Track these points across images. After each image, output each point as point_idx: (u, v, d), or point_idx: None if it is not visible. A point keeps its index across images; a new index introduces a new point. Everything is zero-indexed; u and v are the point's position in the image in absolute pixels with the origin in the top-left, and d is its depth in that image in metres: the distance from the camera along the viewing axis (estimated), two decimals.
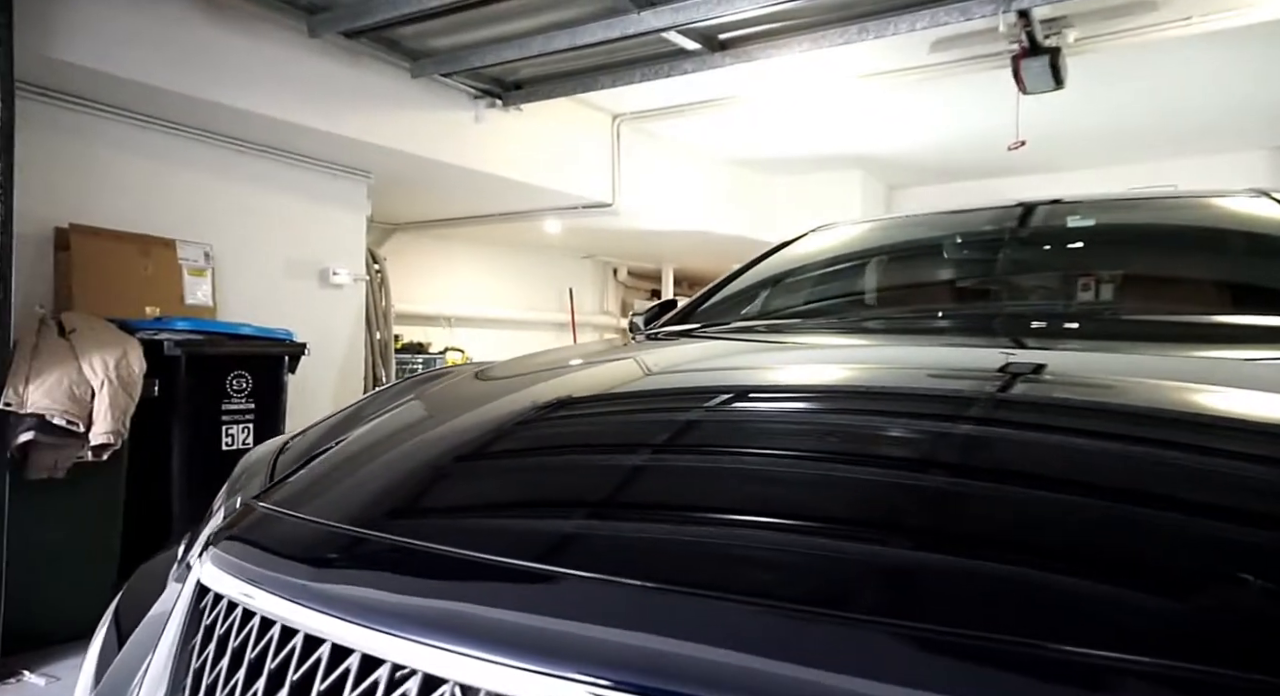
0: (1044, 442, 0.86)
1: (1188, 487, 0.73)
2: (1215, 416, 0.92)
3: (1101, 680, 0.49)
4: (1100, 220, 2.32)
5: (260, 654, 0.73)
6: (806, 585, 0.61)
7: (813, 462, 0.85)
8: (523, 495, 0.88)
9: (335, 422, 1.34)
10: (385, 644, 0.64)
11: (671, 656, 0.56)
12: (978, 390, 1.09)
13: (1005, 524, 0.68)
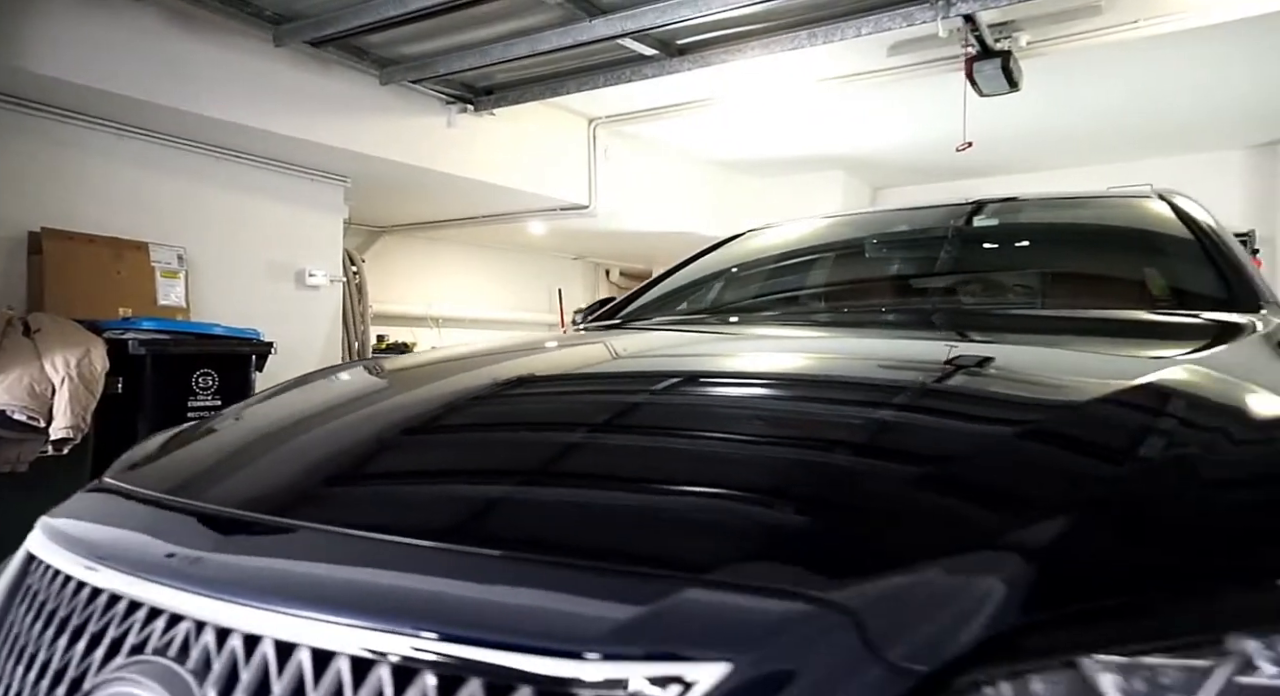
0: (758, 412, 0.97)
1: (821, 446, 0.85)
2: (929, 391, 1.03)
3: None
4: (1000, 222, 2.43)
5: (68, 612, 0.84)
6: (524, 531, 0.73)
7: (557, 432, 0.97)
8: (303, 465, 0.99)
9: (224, 413, 1.45)
10: (146, 589, 0.75)
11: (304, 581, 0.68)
12: (749, 372, 1.22)
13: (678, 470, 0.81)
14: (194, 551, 0.79)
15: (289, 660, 0.65)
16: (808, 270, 2.46)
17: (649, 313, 2.31)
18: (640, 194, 6.38)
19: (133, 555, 0.82)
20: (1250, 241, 6.26)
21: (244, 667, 0.66)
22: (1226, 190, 6.54)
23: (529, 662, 0.59)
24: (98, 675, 0.74)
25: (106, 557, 0.83)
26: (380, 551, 0.72)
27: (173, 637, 0.72)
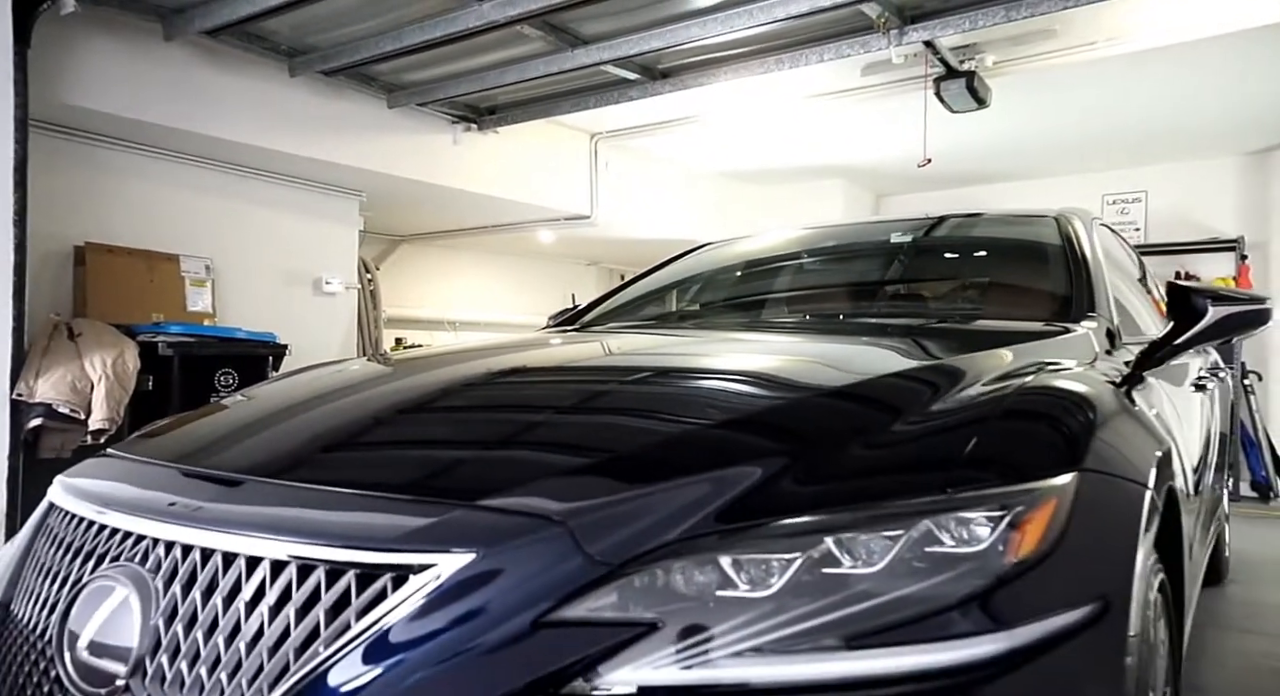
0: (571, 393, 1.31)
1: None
2: (740, 375, 1.39)
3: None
4: (912, 240, 2.71)
5: (74, 540, 1.19)
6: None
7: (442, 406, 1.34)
8: (247, 438, 1.33)
9: (206, 406, 1.81)
10: (131, 518, 1.10)
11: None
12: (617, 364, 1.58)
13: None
14: (166, 495, 1.14)
15: (208, 561, 0.99)
16: (733, 282, 2.77)
17: (604, 318, 2.65)
18: (641, 204, 6.70)
19: (122, 500, 1.17)
20: (1239, 247, 6.39)
21: (181, 565, 1.00)
22: (1219, 196, 6.66)
23: (355, 556, 0.92)
24: (91, 580, 1.08)
25: (106, 502, 1.18)
26: (282, 492, 1.07)
27: (141, 551, 1.06)
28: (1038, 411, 1.17)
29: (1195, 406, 2.40)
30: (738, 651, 0.84)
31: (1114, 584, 0.98)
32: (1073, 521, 0.97)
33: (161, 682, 0.94)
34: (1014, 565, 0.91)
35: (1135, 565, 1.01)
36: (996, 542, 0.92)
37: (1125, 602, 0.97)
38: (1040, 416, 1.15)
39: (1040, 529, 0.95)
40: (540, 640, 0.85)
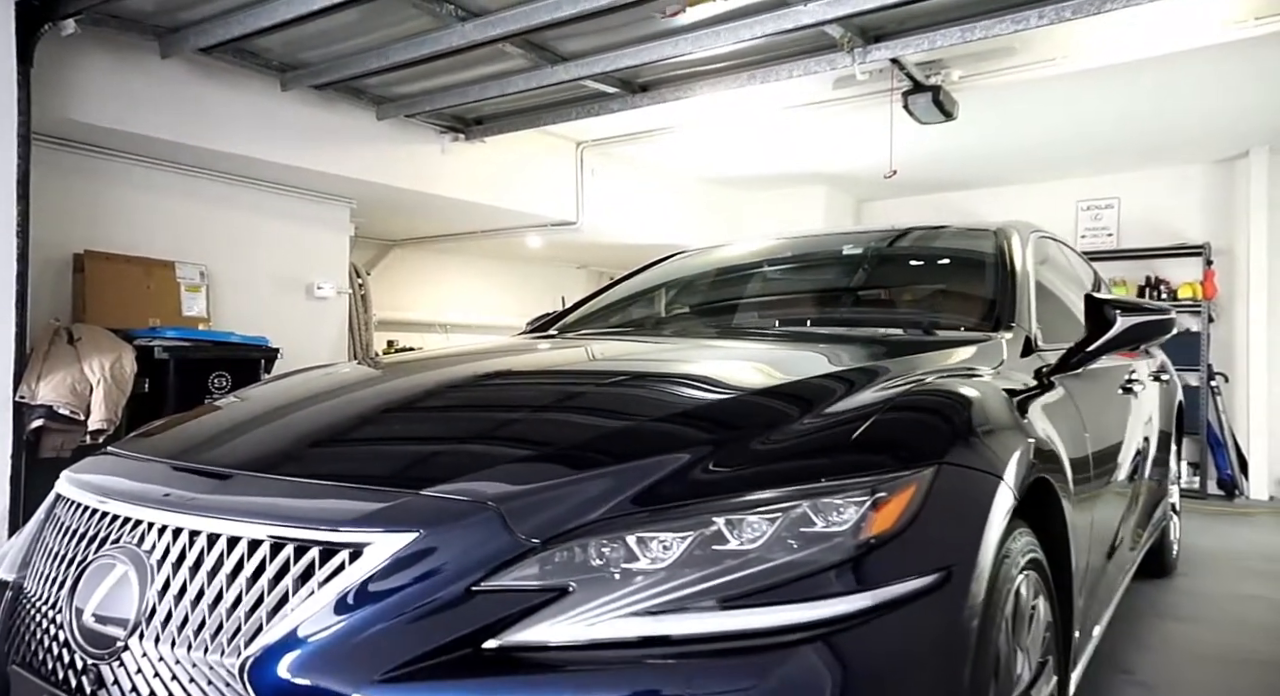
0: (534, 391, 1.49)
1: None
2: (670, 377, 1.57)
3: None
4: (863, 251, 2.90)
5: (79, 525, 1.36)
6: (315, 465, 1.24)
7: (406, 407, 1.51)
8: (227, 437, 1.51)
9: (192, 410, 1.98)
10: (128, 506, 1.27)
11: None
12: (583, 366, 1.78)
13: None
14: (161, 487, 1.32)
15: (195, 541, 1.16)
16: (689, 291, 2.96)
17: (574, 325, 2.84)
18: (627, 209, 6.87)
19: (122, 491, 1.35)
20: (1205, 252, 6.57)
21: (173, 545, 1.18)
22: (1187, 202, 6.84)
23: (317, 534, 1.09)
24: (94, 559, 1.26)
25: (108, 493, 1.35)
26: (261, 483, 1.25)
27: (139, 534, 1.24)
28: (911, 413, 1.35)
29: (1119, 407, 2.57)
30: (632, 612, 1.02)
31: (960, 557, 1.15)
32: (926, 505, 1.15)
33: (155, 642, 1.12)
34: (871, 540, 1.09)
35: (982, 543, 1.19)
36: (858, 522, 1.10)
37: (969, 572, 1.15)
38: (912, 418, 1.34)
39: (896, 511, 1.13)
40: (470, 604, 1.03)
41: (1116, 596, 2.59)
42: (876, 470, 1.17)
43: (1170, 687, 2.63)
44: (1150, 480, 3.13)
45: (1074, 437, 1.88)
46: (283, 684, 1.01)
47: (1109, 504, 2.23)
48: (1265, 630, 3.21)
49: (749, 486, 1.14)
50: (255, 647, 1.04)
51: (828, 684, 1.00)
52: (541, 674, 0.99)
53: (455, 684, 0.98)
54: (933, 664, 1.09)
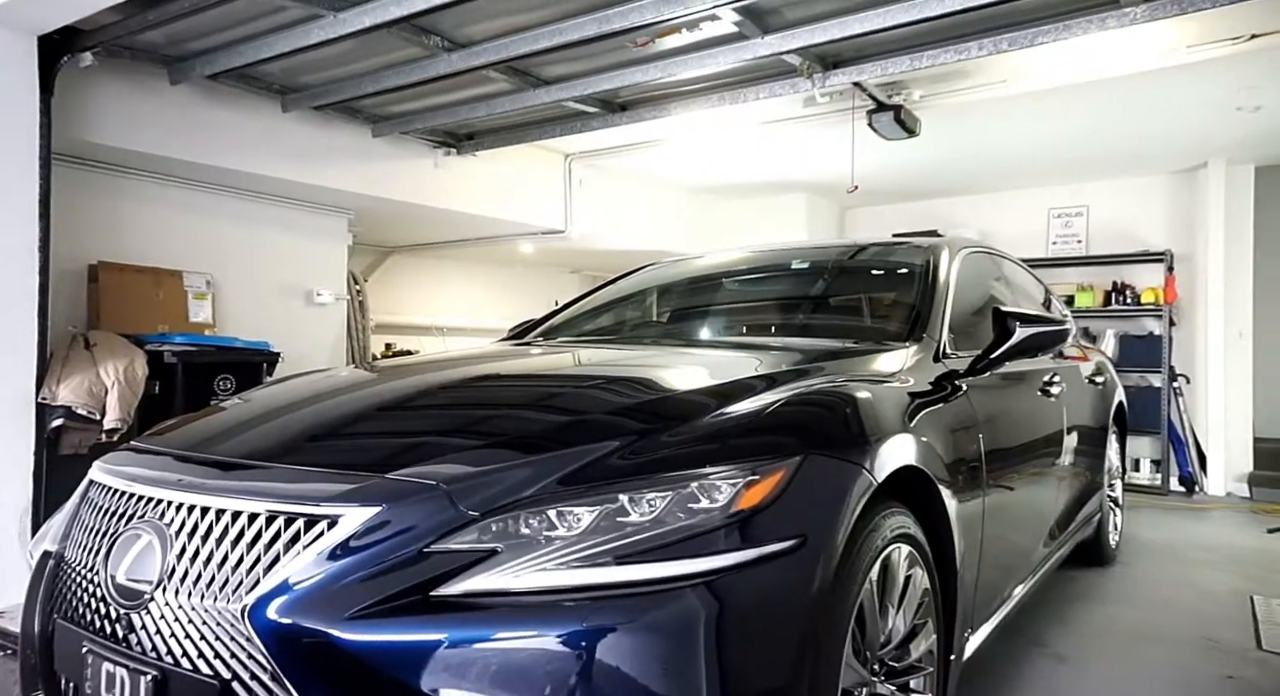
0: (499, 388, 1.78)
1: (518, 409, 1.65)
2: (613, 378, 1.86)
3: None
4: (808, 265, 3.19)
5: (98, 502, 1.66)
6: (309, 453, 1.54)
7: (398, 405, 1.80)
8: (228, 432, 1.80)
9: (202, 410, 2.28)
10: (149, 488, 1.57)
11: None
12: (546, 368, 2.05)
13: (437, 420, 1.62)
14: (176, 474, 1.60)
15: (206, 515, 1.45)
16: (648, 302, 3.26)
17: (547, 333, 3.14)
18: (614, 218, 7.17)
19: (145, 476, 1.64)
20: (1167, 259, 6.84)
21: (188, 519, 1.47)
22: (1151, 211, 7.12)
23: (302, 508, 1.38)
24: (124, 530, 1.55)
25: (134, 478, 1.65)
26: (259, 470, 1.54)
27: (160, 510, 1.53)
28: (794, 411, 1.64)
29: (1031, 406, 2.85)
30: (549, 567, 1.31)
31: (816, 527, 1.44)
32: (791, 486, 1.44)
33: (175, 594, 1.41)
34: (742, 513, 1.38)
35: (839, 517, 1.48)
36: (731, 500, 1.39)
37: (824, 539, 1.44)
38: (792, 416, 1.63)
39: (764, 491, 1.42)
40: (422, 562, 1.32)
41: (1032, 578, 2.87)
42: (755, 458, 1.46)
43: (1079, 659, 2.91)
44: (1075, 475, 3.41)
45: (962, 434, 2.15)
46: (275, 623, 1.31)
47: (1010, 494, 2.51)
48: (1186, 612, 3.49)
49: (651, 471, 1.44)
50: (254, 596, 1.34)
51: (700, 617, 1.29)
52: (474, 613, 1.28)
53: (408, 620, 1.27)
54: (788, 606, 1.38)
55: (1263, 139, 6.03)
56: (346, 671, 1.26)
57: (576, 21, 3.52)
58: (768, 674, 1.35)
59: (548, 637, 1.25)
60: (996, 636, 2.85)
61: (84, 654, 1.51)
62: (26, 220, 3.53)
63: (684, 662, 1.28)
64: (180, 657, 1.38)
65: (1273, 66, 4.50)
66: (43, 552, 1.75)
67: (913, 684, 1.86)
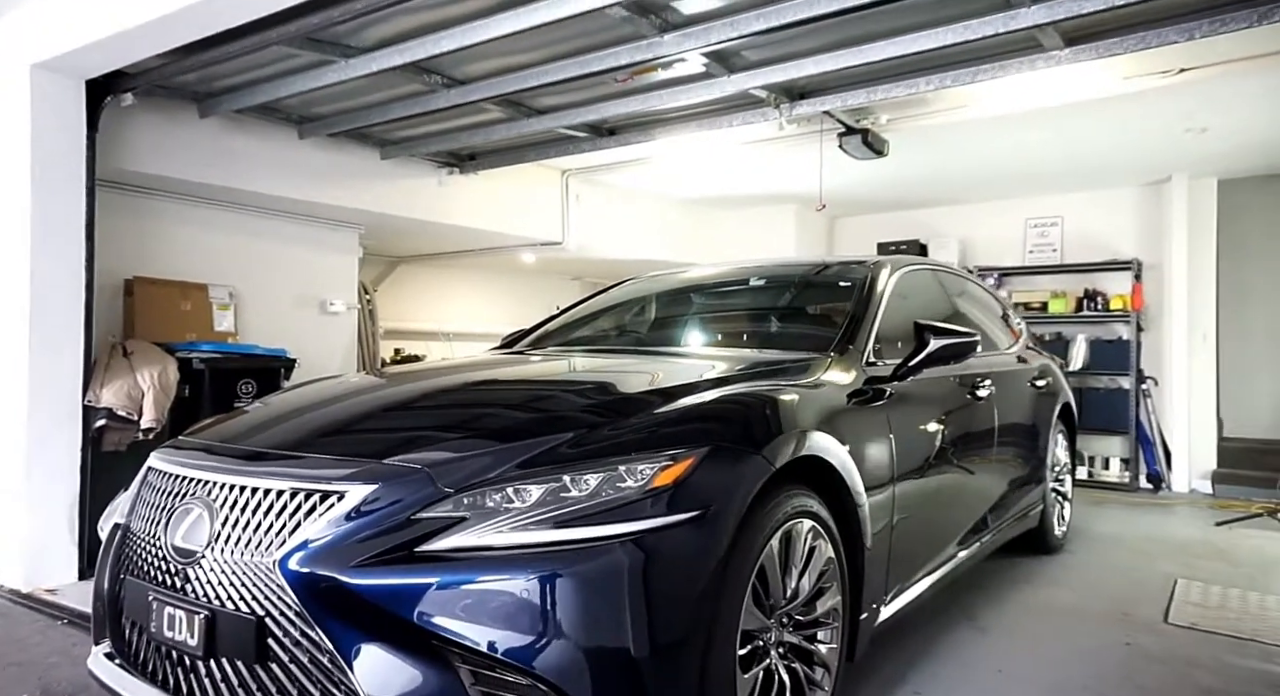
0: (476, 394, 2.20)
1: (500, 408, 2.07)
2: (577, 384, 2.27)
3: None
4: (762, 283, 3.59)
5: (156, 484, 2.09)
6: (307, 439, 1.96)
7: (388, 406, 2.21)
8: (254, 429, 2.23)
9: (230, 412, 2.70)
10: (197, 472, 2.00)
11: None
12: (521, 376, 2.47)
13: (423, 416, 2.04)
14: (217, 461, 2.03)
15: (243, 492, 1.88)
16: (620, 314, 3.68)
17: (534, 343, 3.56)
18: (609, 230, 7.59)
19: (193, 463, 2.06)
20: (1134, 268, 7.19)
21: (229, 495, 1.89)
22: (1121, 222, 7.46)
23: (317, 486, 1.81)
24: (179, 506, 1.97)
25: (184, 464, 2.07)
26: (283, 459, 1.96)
27: (207, 490, 1.95)
28: (709, 411, 2.06)
29: (956, 408, 3.22)
30: (503, 530, 1.71)
31: (718, 501, 1.84)
32: (699, 469, 1.84)
33: (220, 552, 1.83)
34: (657, 490, 1.78)
35: (737, 494, 1.87)
36: (649, 479, 1.79)
37: (724, 510, 1.83)
38: (709, 414, 2.04)
39: (676, 473, 1.82)
40: (409, 526, 1.73)
41: (956, 559, 3.24)
42: (674, 447, 1.87)
43: (1002, 631, 3.30)
44: (1009, 469, 3.79)
45: (872, 431, 2.54)
46: (298, 572, 1.72)
47: (925, 483, 2.88)
48: (1111, 593, 3.85)
49: (591, 457, 1.84)
50: (281, 552, 1.75)
51: (624, 566, 1.69)
52: (448, 563, 1.69)
53: (397, 569, 1.69)
54: (694, 560, 1.78)
55: (1219, 155, 6.37)
56: (352, 606, 1.68)
57: (560, 63, 3.94)
58: (678, 608, 1.75)
59: (504, 581, 1.66)
60: (926, 608, 3.25)
61: (150, 602, 1.93)
62: (75, 242, 3.98)
63: (611, 599, 1.68)
64: (226, 601, 1.80)
65: (1206, 95, 4.87)
66: (113, 526, 2.18)
67: (820, 635, 2.25)
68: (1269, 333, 7.49)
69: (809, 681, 2.19)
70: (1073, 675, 2.84)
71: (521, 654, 1.62)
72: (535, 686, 1.62)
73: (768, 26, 3.32)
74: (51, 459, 3.94)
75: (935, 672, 2.85)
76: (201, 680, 1.85)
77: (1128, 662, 2.97)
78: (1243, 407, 7.47)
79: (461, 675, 1.64)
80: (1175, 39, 3.41)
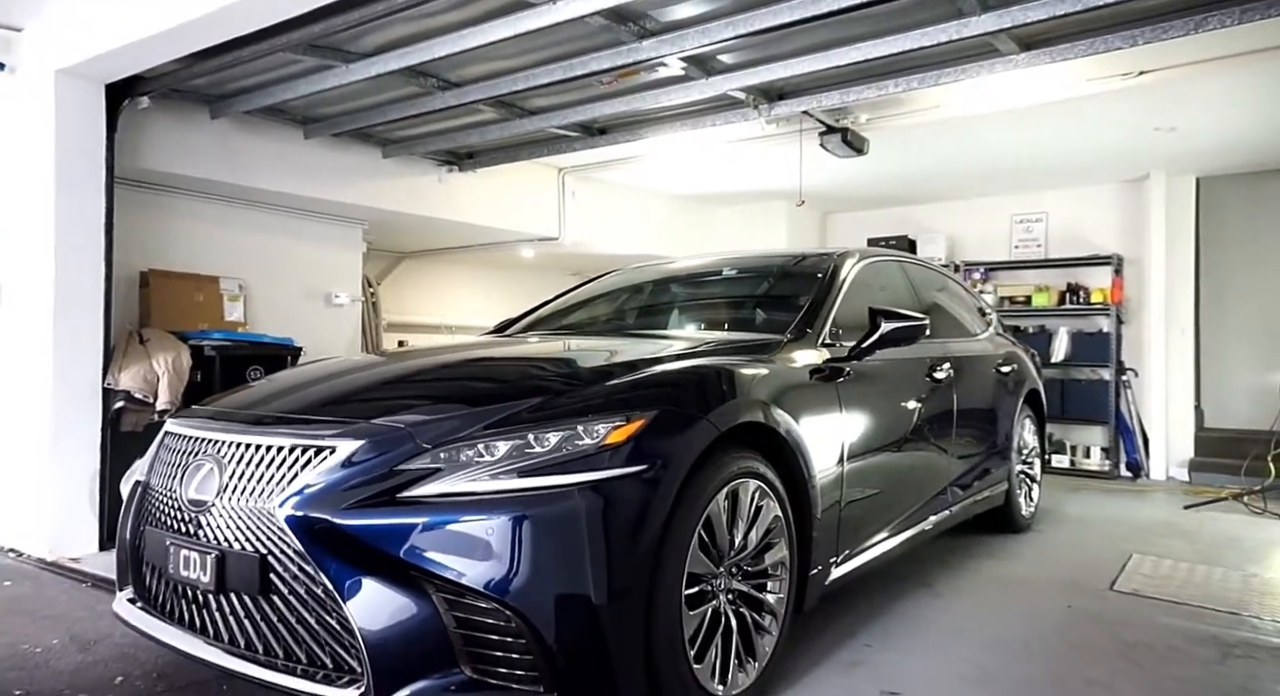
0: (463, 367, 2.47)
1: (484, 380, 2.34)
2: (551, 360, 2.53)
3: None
4: (734, 273, 3.84)
5: (172, 445, 2.35)
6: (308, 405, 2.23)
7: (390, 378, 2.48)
8: (255, 399, 2.49)
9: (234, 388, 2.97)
10: (208, 433, 2.27)
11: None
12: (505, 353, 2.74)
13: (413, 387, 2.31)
14: (226, 423, 2.29)
15: (248, 449, 2.15)
16: (599, 302, 3.93)
17: (524, 329, 3.83)
18: (604, 226, 7.84)
19: (207, 425, 2.33)
20: (1114, 262, 7.40)
21: (235, 452, 2.16)
22: (1103, 218, 7.67)
23: (312, 442, 2.08)
24: (192, 463, 2.24)
25: (196, 427, 2.34)
26: (284, 420, 2.23)
27: (216, 448, 2.22)
28: (662, 379, 2.31)
29: (909, 388, 3.45)
30: (475, 477, 1.97)
31: (665, 457, 2.09)
32: (648, 429, 2.09)
33: (228, 500, 2.09)
34: (611, 447, 2.03)
35: (683, 451, 2.12)
36: (603, 438, 2.04)
37: (671, 465, 2.08)
38: (661, 382, 2.30)
39: (628, 432, 2.07)
40: (391, 476, 1.99)
41: (913, 529, 3.47)
42: (628, 410, 2.12)
43: (955, 595, 3.53)
44: (970, 448, 4.01)
45: (823, 405, 2.79)
46: (296, 515, 1.98)
47: (877, 456, 3.11)
48: (1066, 565, 4.08)
49: (551, 418, 2.09)
50: (282, 498, 2.01)
51: (581, 509, 1.94)
52: (425, 506, 1.94)
53: (382, 512, 1.94)
54: (644, 507, 2.02)
55: (1196, 153, 6.58)
56: (343, 543, 1.94)
57: (548, 67, 4.19)
58: (629, 547, 2.00)
59: (474, 521, 1.92)
60: (884, 575, 3.51)
61: (167, 546, 2.20)
62: (95, 237, 4.26)
63: (569, 537, 1.94)
64: (233, 542, 2.06)
65: (1168, 96, 5.08)
66: (134, 483, 2.45)
67: (770, 585, 2.50)
68: (1249, 326, 7.68)
69: (757, 626, 2.43)
70: (1013, 631, 3.08)
71: (488, 583, 1.88)
72: (499, 610, 1.88)
73: (735, 34, 3.57)
74: (74, 437, 4.22)
75: (887, 629, 3.09)
76: (213, 614, 2.12)
77: (1065, 622, 3.20)
78: (1222, 399, 7.66)
79: (436, 601, 1.89)
80: (1120, 45, 3.64)
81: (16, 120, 4.34)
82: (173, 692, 2.45)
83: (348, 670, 1.94)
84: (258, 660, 2.04)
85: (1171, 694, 2.52)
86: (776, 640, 2.50)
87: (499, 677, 1.90)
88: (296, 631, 2.00)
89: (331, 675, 1.95)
